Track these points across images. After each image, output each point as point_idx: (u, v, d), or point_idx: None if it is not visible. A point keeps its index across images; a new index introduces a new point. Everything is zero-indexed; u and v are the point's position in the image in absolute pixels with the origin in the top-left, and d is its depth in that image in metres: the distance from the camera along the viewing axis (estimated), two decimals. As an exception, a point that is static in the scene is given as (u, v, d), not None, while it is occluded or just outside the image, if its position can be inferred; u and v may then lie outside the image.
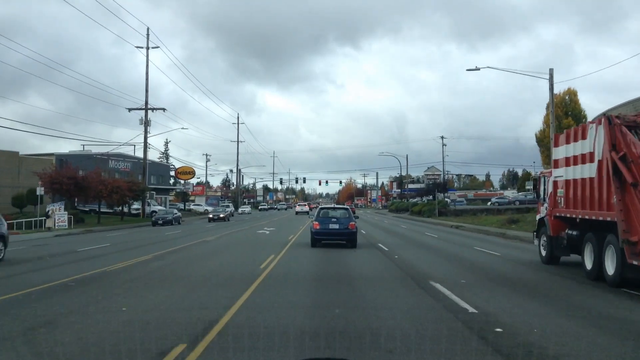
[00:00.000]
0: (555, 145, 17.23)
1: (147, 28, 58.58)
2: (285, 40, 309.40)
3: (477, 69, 33.12)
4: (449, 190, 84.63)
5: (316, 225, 21.65)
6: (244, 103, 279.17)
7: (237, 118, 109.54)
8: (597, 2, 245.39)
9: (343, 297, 10.22)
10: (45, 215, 39.86)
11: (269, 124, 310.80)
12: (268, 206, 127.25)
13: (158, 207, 69.44)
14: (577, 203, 14.54)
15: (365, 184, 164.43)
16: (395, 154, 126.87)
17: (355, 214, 24.29)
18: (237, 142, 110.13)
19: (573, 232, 15.14)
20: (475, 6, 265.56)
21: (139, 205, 63.20)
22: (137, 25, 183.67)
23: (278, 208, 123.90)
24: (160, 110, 62.70)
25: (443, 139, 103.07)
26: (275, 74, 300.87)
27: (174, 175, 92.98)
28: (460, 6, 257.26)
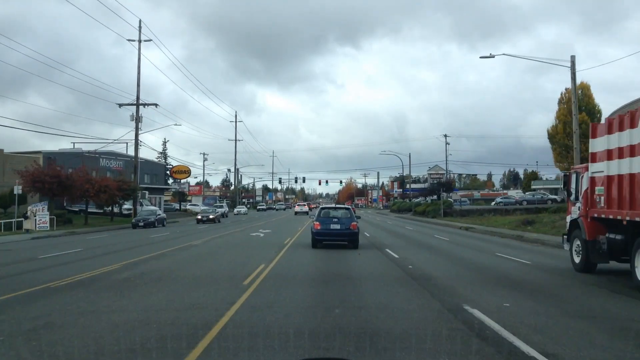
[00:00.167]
0: (593, 137, 14.89)
1: (139, 20, 55.70)
2: (286, 40, 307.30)
3: (492, 56, 30.37)
4: (453, 190, 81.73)
5: (317, 225, 21.00)
6: (244, 103, 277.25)
7: (235, 116, 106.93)
8: (598, 2, 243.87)
9: (352, 344, 6.90)
10: (23, 216, 36.96)
11: (269, 124, 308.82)
12: (266, 206, 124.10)
13: (150, 207, 66.60)
14: (624, 203, 12.38)
15: (365, 184, 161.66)
16: (396, 153, 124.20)
17: (356, 215, 23.15)
18: (235, 141, 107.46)
19: (616, 237, 13.17)
20: (475, 6, 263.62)
21: (131, 205, 60.30)
22: (137, 24, 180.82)
23: (276, 208, 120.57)
24: (153, 106, 59.71)
25: (446, 137, 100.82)
26: (276, 74, 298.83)
27: (169, 174, 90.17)
28: (461, 6, 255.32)
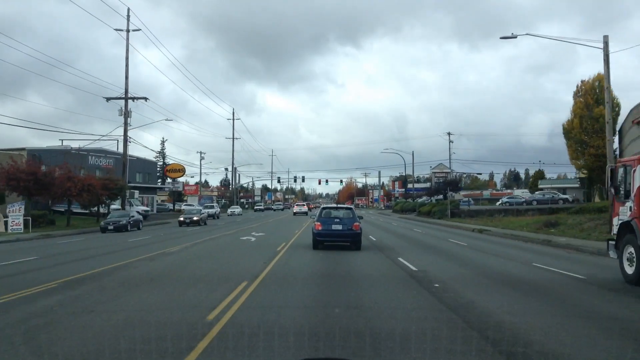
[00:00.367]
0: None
1: (128, 9, 52.36)
2: (286, 40, 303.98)
3: (514, 36, 26.88)
4: (459, 189, 78.20)
5: (318, 226, 20.27)
6: (244, 103, 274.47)
7: (233, 113, 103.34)
8: (599, 2, 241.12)
9: None
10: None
11: (269, 124, 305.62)
12: (264, 206, 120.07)
13: (141, 207, 63.05)
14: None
15: (366, 184, 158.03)
16: (399, 151, 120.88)
17: (358, 215, 22.19)
18: (233, 139, 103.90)
19: None
20: (476, 5, 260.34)
21: (120, 205, 56.76)
22: (137, 24, 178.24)
23: (274, 209, 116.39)
24: (152, 105, 56.20)
25: (450, 135, 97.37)
26: (276, 74, 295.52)
27: (163, 173, 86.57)
28: (461, 5, 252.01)
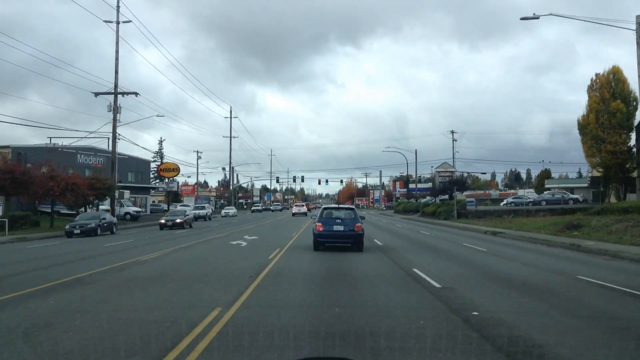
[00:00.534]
0: None
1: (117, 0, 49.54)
2: (286, 40, 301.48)
3: (536, 17, 23.99)
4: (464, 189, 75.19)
5: (319, 226, 19.74)
6: (244, 103, 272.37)
7: (230, 111, 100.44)
8: (599, 2, 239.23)
9: None
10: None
11: (269, 124, 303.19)
12: (262, 207, 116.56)
13: (132, 208, 60.25)
14: None
15: (366, 184, 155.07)
16: (400, 150, 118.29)
17: (361, 215, 21.68)
18: (230, 137, 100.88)
19: None
20: (476, 5, 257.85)
21: (109, 205, 53.78)
22: (137, 24, 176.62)
23: (272, 209, 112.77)
24: (133, 95, 53.43)
25: (453, 134, 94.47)
26: (276, 74, 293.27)
27: (157, 172, 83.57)
28: (462, 5, 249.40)
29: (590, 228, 28.10)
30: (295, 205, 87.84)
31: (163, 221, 42.15)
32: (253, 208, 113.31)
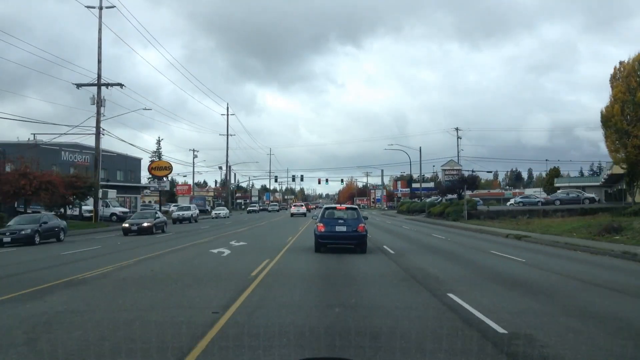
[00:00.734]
0: None
1: (100, -18, 45.63)
2: (286, 40, 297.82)
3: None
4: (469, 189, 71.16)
5: (321, 227, 19.08)
6: (244, 103, 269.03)
7: (227, 108, 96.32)
8: (601, 1, 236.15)
9: None
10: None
11: (269, 124, 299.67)
12: (259, 207, 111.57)
13: (119, 209, 56.11)
14: None
15: (367, 183, 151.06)
16: (403, 147, 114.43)
17: (364, 216, 20.84)
18: (227, 135, 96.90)
19: None
20: (477, 5, 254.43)
21: (92, 206, 49.77)
22: (137, 24, 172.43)
23: (269, 210, 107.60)
24: (117, 87, 49.50)
25: (458, 131, 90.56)
26: (276, 74, 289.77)
27: (149, 171, 79.30)
28: (462, 5, 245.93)
29: (634, 231, 24.14)
30: (294, 206, 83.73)
31: (127, 225, 34.15)
32: (249, 208, 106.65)
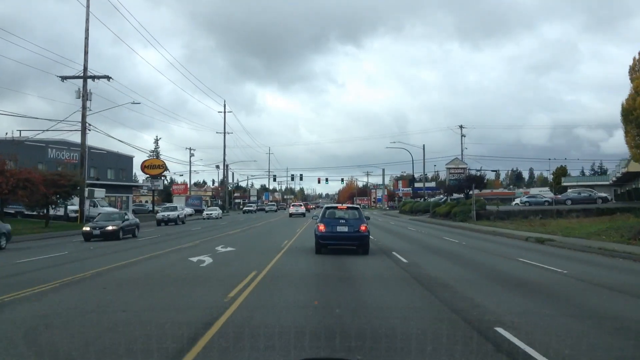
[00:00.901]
0: None
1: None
2: (286, 40, 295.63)
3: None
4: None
5: (321, 227, 18.54)
6: (244, 103, 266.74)
7: (224, 105, 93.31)
8: (601, 0, 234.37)
9: None
10: None
11: (269, 123, 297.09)
12: (256, 207, 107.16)
13: (107, 209, 53.07)
14: None
15: (367, 183, 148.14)
16: (405, 144, 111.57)
17: (366, 216, 20.53)
18: (224, 133, 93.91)
19: None
20: (477, 4, 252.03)
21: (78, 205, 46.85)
22: (136, 25, 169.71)
23: (267, 210, 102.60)
24: (105, 80, 46.64)
25: (462, 129, 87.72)
26: (276, 74, 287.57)
27: (142, 169, 76.36)
28: (463, 4, 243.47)
29: (676, 235, 21.24)
30: (293, 205, 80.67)
31: (87, 229, 28.43)
32: (244, 209, 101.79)
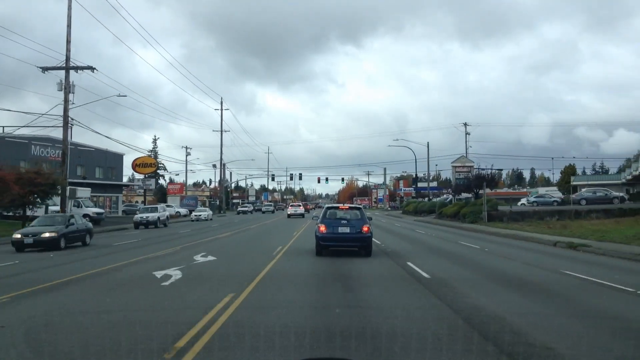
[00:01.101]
0: None
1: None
2: (286, 40, 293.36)
3: None
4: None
5: (322, 228, 18.12)
6: (244, 103, 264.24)
7: (221, 103, 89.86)
8: (601, 0, 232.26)
9: None
10: None
11: (269, 123, 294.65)
12: (252, 208, 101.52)
13: (92, 209, 49.75)
14: None
15: (368, 183, 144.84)
16: (408, 143, 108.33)
17: (368, 216, 19.49)
18: (221, 131, 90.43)
19: None
20: (477, 4, 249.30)
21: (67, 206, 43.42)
22: (136, 25, 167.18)
23: (263, 210, 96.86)
24: (89, 71, 43.18)
25: (466, 126, 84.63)
26: (276, 74, 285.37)
27: (132, 168, 73.03)
28: (463, 4, 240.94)
29: None
30: (291, 206, 77.13)
31: (18, 236, 23.34)
32: (239, 209, 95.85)
